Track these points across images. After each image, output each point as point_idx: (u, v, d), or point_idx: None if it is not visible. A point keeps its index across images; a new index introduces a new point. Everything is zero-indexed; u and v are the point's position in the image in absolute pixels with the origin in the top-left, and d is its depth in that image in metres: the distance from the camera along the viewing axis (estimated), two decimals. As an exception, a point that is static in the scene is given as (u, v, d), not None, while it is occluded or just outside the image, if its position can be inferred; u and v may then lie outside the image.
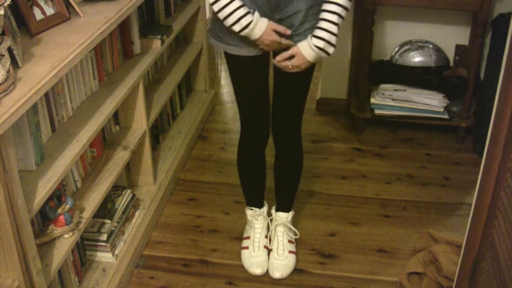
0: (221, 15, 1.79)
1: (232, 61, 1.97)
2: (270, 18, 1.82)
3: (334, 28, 1.79)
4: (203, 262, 2.35)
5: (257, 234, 2.34)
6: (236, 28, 1.80)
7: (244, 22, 1.78)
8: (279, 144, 2.17)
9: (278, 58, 1.87)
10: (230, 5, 1.77)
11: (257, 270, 2.26)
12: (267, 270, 2.27)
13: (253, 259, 2.29)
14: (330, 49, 1.82)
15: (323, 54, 1.83)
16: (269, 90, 2.06)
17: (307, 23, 1.83)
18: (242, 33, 1.81)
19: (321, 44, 1.80)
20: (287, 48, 1.86)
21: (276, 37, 1.82)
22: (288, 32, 1.83)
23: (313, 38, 1.81)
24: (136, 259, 2.32)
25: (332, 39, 1.80)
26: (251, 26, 1.78)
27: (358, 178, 2.85)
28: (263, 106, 2.08)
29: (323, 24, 1.79)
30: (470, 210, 1.58)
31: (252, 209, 2.34)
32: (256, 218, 2.34)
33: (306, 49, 1.83)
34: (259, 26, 1.79)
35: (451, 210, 2.64)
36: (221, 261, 2.35)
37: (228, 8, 1.77)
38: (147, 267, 2.32)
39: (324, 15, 1.79)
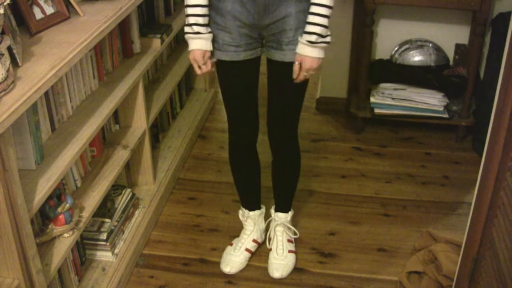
0: (185, 11, 1.85)
1: (219, 66, 1.95)
2: (259, 23, 1.81)
3: (322, 20, 1.76)
4: (203, 261, 2.35)
5: (244, 235, 2.34)
6: (186, 29, 1.85)
7: (194, 28, 1.83)
8: (275, 147, 2.15)
9: (294, 76, 1.86)
10: (192, 8, 1.81)
11: (225, 268, 2.27)
12: (267, 270, 2.27)
13: (229, 257, 2.30)
14: (326, 39, 1.80)
15: (323, 45, 1.81)
16: (257, 93, 2.04)
17: (301, 30, 1.81)
18: (187, 36, 1.86)
19: (313, 38, 1.78)
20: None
21: (200, 61, 1.87)
22: (204, 68, 1.90)
23: (305, 35, 1.79)
24: (135, 258, 2.32)
25: (323, 31, 1.77)
26: (197, 35, 1.83)
27: (358, 177, 2.85)
28: (251, 111, 2.06)
29: (311, 18, 1.77)
30: (470, 209, 1.58)
31: (242, 210, 2.34)
32: (245, 219, 2.34)
33: (304, 49, 1.81)
34: (200, 42, 1.84)
35: (451, 209, 2.64)
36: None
37: (189, 9, 1.82)
38: (147, 266, 2.32)
39: (312, 8, 1.76)
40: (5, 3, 1.45)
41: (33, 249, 1.62)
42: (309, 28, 1.78)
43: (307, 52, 1.81)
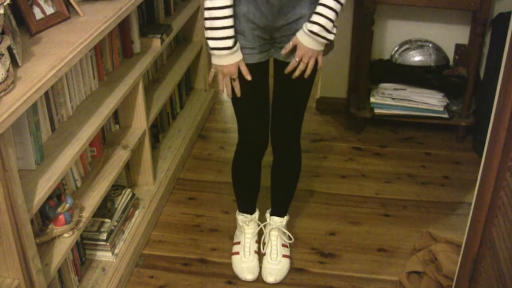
0: (209, 24, 1.77)
1: None
2: (273, 25, 1.80)
3: (329, 13, 1.73)
4: (202, 261, 2.35)
5: (247, 239, 2.31)
6: (216, 44, 1.78)
7: (229, 43, 1.78)
8: (278, 150, 2.14)
9: (283, 51, 1.84)
10: (223, 20, 1.76)
11: (248, 276, 2.23)
12: (260, 275, 2.25)
13: (244, 265, 2.26)
14: (329, 35, 1.77)
15: (322, 40, 1.77)
16: (269, 99, 2.02)
17: None
18: (215, 52, 1.80)
19: (315, 28, 1.74)
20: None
21: (236, 73, 1.83)
22: (249, 77, 1.84)
23: (308, 24, 1.76)
24: (135, 258, 2.32)
25: (328, 24, 1.74)
26: (232, 50, 1.78)
27: (358, 177, 2.85)
28: (263, 116, 2.03)
29: (318, 8, 1.74)
30: (470, 209, 1.58)
31: (243, 215, 2.32)
32: (247, 224, 2.32)
33: (303, 37, 1.78)
34: (234, 56, 1.80)
35: (451, 209, 2.64)
36: (221, 260, 2.34)
37: (219, 22, 1.76)
38: (147, 266, 2.32)
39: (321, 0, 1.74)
40: (5, 3, 1.45)
41: (33, 249, 1.62)
42: (314, 17, 1.75)
43: (305, 41, 1.79)
